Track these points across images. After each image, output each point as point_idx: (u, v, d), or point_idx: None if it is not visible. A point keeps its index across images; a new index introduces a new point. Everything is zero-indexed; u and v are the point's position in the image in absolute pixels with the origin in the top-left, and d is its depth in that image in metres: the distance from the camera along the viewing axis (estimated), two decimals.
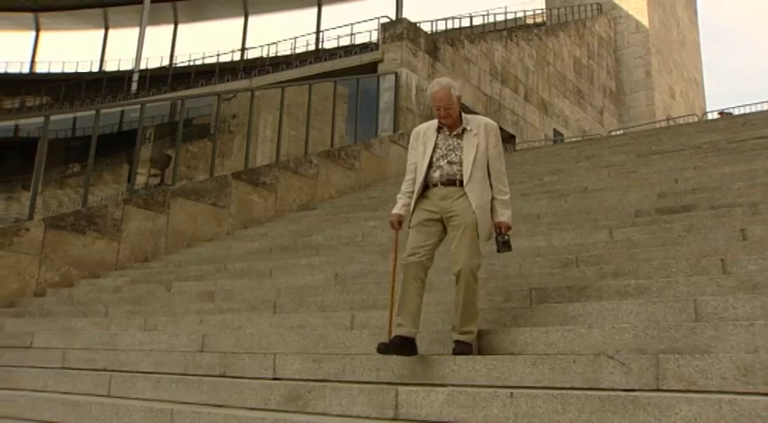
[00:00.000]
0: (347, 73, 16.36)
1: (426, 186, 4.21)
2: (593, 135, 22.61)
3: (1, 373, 5.51)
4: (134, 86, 29.51)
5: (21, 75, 39.58)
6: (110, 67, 38.50)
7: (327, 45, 28.81)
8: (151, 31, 34.21)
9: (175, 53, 37.80)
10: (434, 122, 4.30)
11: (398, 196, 4.35)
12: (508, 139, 19.99)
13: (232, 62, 30.99)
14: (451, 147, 4.20)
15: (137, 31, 33.72)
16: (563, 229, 6.57)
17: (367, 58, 17.33)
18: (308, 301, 5.72)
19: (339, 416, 3.70)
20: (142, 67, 31.90)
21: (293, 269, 7.09)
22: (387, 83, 15.02)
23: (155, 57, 35.15)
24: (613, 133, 21.92)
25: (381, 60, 15.79)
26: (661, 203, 6.90)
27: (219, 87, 21.69)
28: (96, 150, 9.64)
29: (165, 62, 35.73)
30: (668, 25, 32.26)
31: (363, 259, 6.88)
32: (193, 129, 20.31)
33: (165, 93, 25.03)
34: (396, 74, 15.19)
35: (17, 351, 6.03)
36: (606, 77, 28.41)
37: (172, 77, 28.90)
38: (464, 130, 4.22)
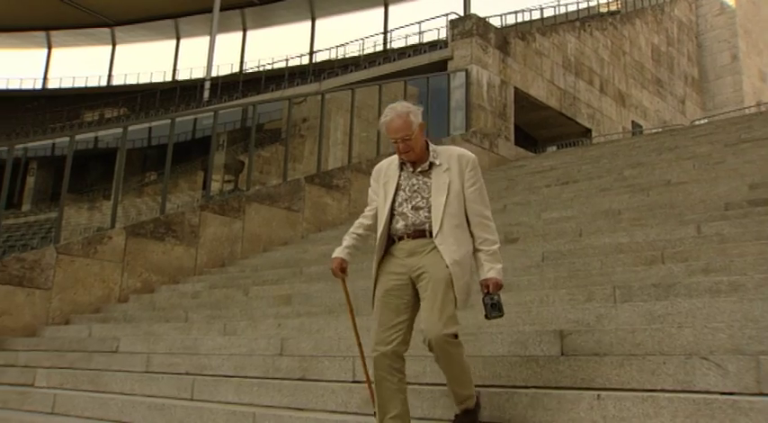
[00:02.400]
0: (416, 72, 16.31)
1: (391, 241, 3.41)
2: (675, 125, 21.86)
3: (91, 377, 5.67)
4: (206, 94, 30.23)
5: (99, 88, 41.14)
6: (182, 76, 39.61)
7: (395, 45, 28.84)
8: (221, 38, 35.03)
9: (245, 59, 38.59)
10: (396, 157, 3.48)
11: (344, 237, 3.60)
12: (584, 133, 19.56)
13: (301, 66, 31.37)
14: (416, 187, 3.38)
15: (207, 39, 34.56)
16: (646, 225, 6.33)
17: (436, 56, 17.25)
18: None
19: (421, 419, 3.65)
20: (213, 74, 32.68)
21: (369, 272, 7.04)
22: (457, 81, 14.90)
23: (225, 64, 35.98)
24: (697, 123, 21.12)
25: (451, 58, 15.68)
26: (754, 195, 6.54)
27: (289, 92, 21.96)
28: (172, 158, 9.86)
29: (236, 69, 36.52)
30: (757, 2, 30.70)
31: None
32: (265, 134, 20.66)
33: (236, 99, 25.54)
34: (466, 71, 15.04)
35: (105, 355, 6.20)
36: (687, 64, 27.41)
37: (242, 84, 29.47)
38: (431, 165, 3.39)
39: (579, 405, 3.20)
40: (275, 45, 37.21)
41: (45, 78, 44.20)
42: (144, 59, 42.55)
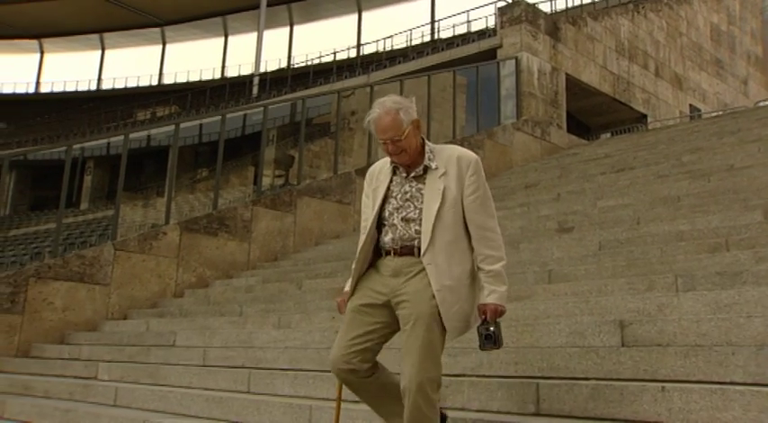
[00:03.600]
0: (465, 61, 16.17)
1: (379, 254, 3.00)
2: (737, 108, 21.18)
3: (150, 370, 5.76)
4: (255, 90, 30.53)
5: (151, 87, 41.96)
6: (231, 72, 40.12)
7: (443, 35, 28.63)
8: (268, 34, 35.30)
9: (293, 54, 38.82)
10: (389, 160, 3.06)
11: (353, 265, 3.06)
12: (639, 118, 19.13)
13: (349, 59, 31.42)
14: (409, 195, 2.95)
15: (254, 35, 34.90)
16: (708, 211, 6.14)
17: (485, 44, 17.07)
18: None
19: (478, 411, 3.59)
20: (261, 70, 32.98)
21: None
22: (507, 69, 14.70)
23: (273, 59, 36.28)
24: (761, 104, 20.42)
25: (500, 46, 15.47)
26: None
27: (338, 85, 22.03)
28: (223, 154, 9.96)
29: (284, 64, 36.80)
30: None
31: None
32: (314, 128, 20.78)
33: (284, 94, 25.72)
34: (516, 59, 14.83)
35: (162, 349, 6.30)
36: (750, 43, 26.43)
37: (291, 78, 29.67)
38: (426, 168, 2.96)
39: (642, 397, 3.11)
40: (322, 39, 37.30)
41: (99, 79, 45.28)
42: (193, 57, 43.14)
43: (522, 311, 4.64)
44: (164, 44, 44.73)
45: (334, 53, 32.29)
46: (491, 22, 22.65)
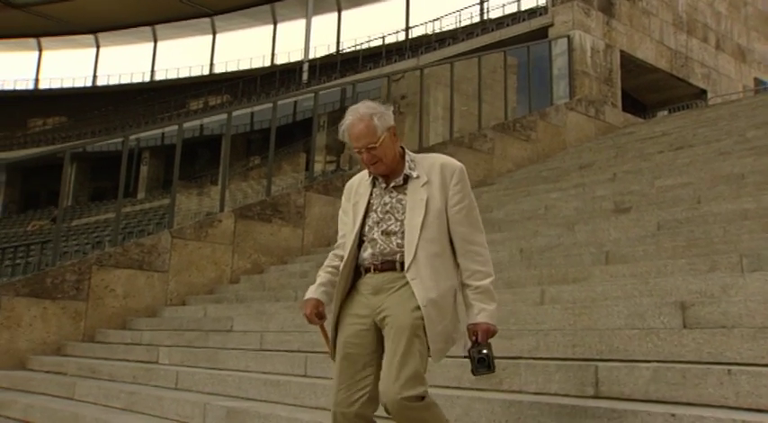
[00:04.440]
0: (515, 41, 15.93)
1: (358, 273, 2.75)
2: None
3: (209, 354, 5.87)
4: (305, 76, 30.66)
5: (202, 76, 42.53)
6: (280, 60, 40.28)
7: (493, 15, 28.21)
8: (316, 20, 35.38)
9: (341, 39, 38.77)
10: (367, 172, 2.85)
11: (318, 272, 2.91)
12: (698, 94, 18.59)
13: (397, 43, 31.23)
14: (389, 207, 2.73)
15: (303, 22, 34.98)
16: None
17: (536, 23, 16.79)
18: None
19: (536, 393, 3.55)
20: (311, 56, 33.05)
21: None
22: (559, 48, 14.45)
23: (322, 45, 36.27)
24: None
25: (551, 24, 15.21)
26: None
27: (387, 69, 21.96)
28: (275, 141, 10.03)
29: (333, 50, 36.77)
30: None
31: (548, 232, 6.64)
32: None
33: (334, 80, 25.75)
34: (568, 37, 14.55)
35: (220, 334, 6.40)
36: None
37: (340, 64, 29.69)
38: (407, 178, 2.74)
39: (707, 380, 3.02)
40: (370, 23, 37.11)
41: (152, 71, 46.07)
42: (243, 46, 43.51)
43: (579, 293, 4.58)
44: (214, 34, 45.21)
45: (383, 37, 32.13)
46: (542, 1, 22.25)
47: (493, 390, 3.74)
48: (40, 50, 48.90)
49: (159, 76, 45.34)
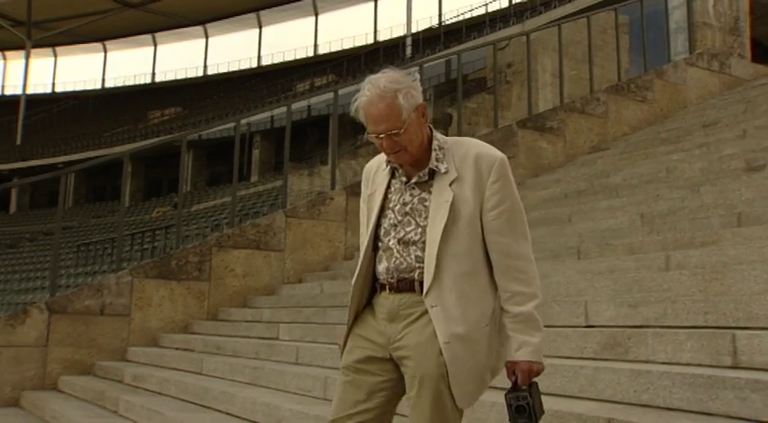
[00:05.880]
0: None
1: (374, 288, 2.22)
2: None
3: (326, 329, 5.93)
4: (408, 51, 30.56)
5: (307, 58, 43.27)
6: (382, 36, 40.41)
7: None
8: None
9: (443, 11, 38.37)
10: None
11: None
12: None
13: (501, 10, 30.59)
14: (409, 208, 2.15)
15: None
16: None
17: None
18: (613, 244, 5.37)
19: (665, 363, 3.36)
20: (413, 30, 32.88)
21: (593, 213, 6.74)
22: (676, 0, 13.60)
23: (424, 18, 36.09)
24: None
25: None
26: None
27: (492, 37, 21.53)
28: None
29: (435, 22, 36.49)
30: None
31: (671, 196, 6.30)
32: (469, 84, 20.48)
33: (438, 52, 25.51)
34: None
35: (337, 310, 6.47)
36: None
37: (443, 35, 29.40)
38: (433, 172, 2.14)
39: None
40: None
41: (259, 56, 47.26)
42: (345, 25, 43.90)
43: (709, 258, 4.33)
44: (316, 15, 45.82)
45: (486, 4, 31.56)
46: None
47: (618, 359, 3.59)
48: (155, 45, 51.21)
49: (265, 62, 46.49)
